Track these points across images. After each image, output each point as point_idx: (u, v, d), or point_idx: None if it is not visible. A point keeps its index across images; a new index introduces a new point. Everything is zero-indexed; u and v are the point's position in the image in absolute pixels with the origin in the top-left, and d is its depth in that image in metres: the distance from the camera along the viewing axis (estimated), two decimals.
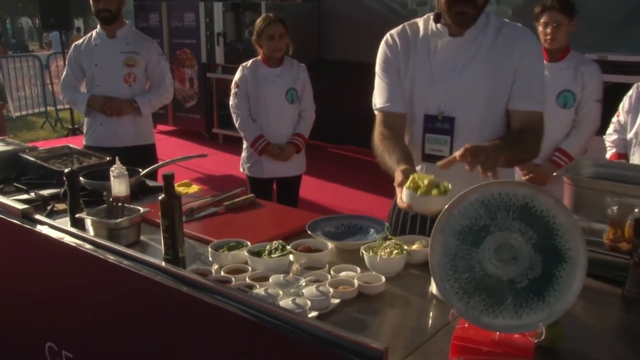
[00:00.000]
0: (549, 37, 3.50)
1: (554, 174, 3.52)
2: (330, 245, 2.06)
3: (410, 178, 1.87)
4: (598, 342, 1.57)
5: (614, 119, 3.28)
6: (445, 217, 1.46)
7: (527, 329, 1.42)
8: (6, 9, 29.28)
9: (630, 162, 3.08)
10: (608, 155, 3.28)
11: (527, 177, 3.59)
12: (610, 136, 3.30)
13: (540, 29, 3.54)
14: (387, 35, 2.36)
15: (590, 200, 2.21)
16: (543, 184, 3.49)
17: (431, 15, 2.25)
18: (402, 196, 1.89)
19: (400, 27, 2.34)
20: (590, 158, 2.62)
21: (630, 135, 3.13)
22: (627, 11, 6.01)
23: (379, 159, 2.21)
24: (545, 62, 3.53)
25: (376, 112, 2.36)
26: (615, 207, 2.00)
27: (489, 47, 2.19)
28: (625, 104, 3.20)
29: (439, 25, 2.21)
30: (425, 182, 1.83)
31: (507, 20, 2.26)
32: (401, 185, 1.90)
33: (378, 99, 2.35)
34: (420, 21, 2.31)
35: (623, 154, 3.20)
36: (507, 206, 1.43)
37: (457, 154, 1.84)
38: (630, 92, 3.19)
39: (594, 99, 3.54)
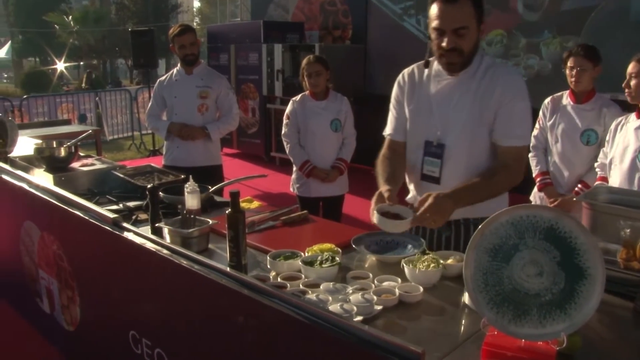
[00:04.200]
0: (573, 80, 3.39)
1: (574, 199, 3.41)
2: (373, 257, 2.02)
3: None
4: (612, 351, 1.51)
5: (604, 149, 3.19)
6: (478, 236, 1.42)
7: (550, 338, 1.37)
8: (107, 53, 31.41)
9: (609, 180, 3.00)
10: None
11: (553, 204, 3.48)
12: (601, 164, 3.19)
13: (567, 72, 3.43)
14: (400, 75, 2.38)
15: (605, 223, 2.14)
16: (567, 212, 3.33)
17: (431, 60, 2.24)
18: (371, 212, 2.00)
19: (411, 67, 2.35)
20: (606, 186, 2.53)
21: (609, 158, 3.05)
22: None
23: (376, 174, 2.29)
24: (572, 102, 3.45)
25: (385, 136, 2.44)
26: (628, 230, 1.93)
27: (477, 85, 2.16)
28: (610, 137, 3.11)
29: (440, 67, 2.20)
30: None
31: (498, 61, 2.21)
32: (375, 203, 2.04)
33: (387, 127, 2.43)
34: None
35: (605, 176, 3.12)
36: (534, 227, 1.39)
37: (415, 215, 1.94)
38: (611, 128, 3.11)
39: None
